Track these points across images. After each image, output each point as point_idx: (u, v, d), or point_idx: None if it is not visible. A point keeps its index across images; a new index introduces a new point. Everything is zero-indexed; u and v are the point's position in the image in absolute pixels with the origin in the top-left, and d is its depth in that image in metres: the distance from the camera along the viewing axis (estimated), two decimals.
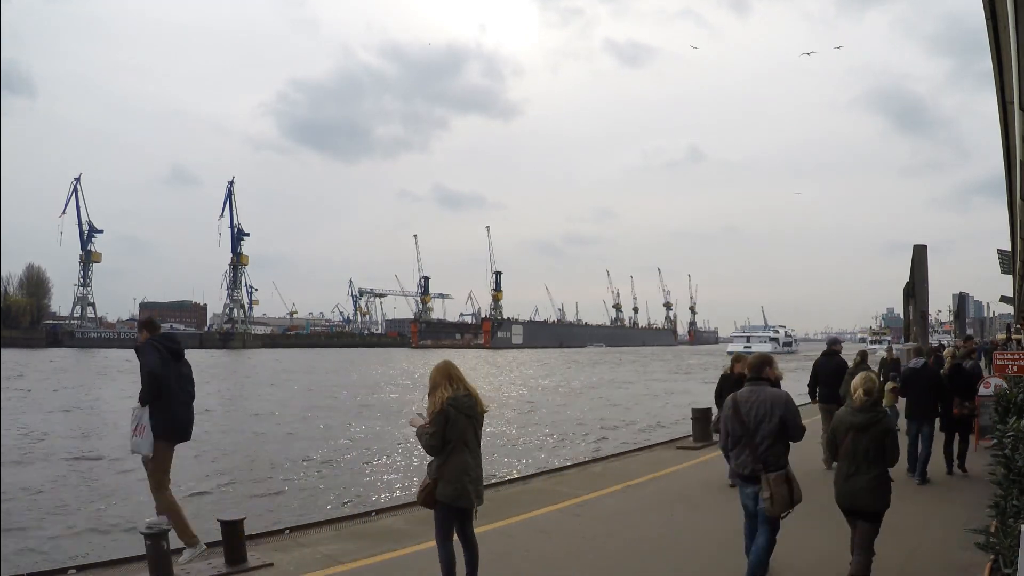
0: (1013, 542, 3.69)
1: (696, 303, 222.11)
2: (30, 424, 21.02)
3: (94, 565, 6.30)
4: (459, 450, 4.72)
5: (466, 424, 4.75)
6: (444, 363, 4.93)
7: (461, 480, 4.70)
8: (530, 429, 21.38)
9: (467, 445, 4.76)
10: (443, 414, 4.68)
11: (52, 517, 10.83)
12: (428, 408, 4.81)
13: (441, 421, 4.67)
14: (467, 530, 4.97)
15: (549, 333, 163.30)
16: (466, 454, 4.74)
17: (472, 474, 4.77)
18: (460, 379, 4.86)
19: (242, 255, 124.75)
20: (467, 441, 4.76)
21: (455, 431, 4.69)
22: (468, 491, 4.73)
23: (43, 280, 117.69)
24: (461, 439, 4.72)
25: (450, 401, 4.72)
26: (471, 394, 4.84)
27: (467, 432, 4.76)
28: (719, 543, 6.33)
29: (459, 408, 4.73)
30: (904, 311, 31.40)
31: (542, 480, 10.11)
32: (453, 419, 4.69)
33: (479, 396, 4.91)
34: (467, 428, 4.76)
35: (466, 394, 4.81)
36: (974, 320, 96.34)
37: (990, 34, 6.84)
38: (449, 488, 4.71)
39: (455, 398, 4.74)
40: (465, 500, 4.74)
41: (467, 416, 4.76)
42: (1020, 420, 5.13)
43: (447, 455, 4.71)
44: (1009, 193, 14.81)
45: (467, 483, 4.72)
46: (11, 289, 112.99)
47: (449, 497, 4.72)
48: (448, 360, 4.98)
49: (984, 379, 11.14)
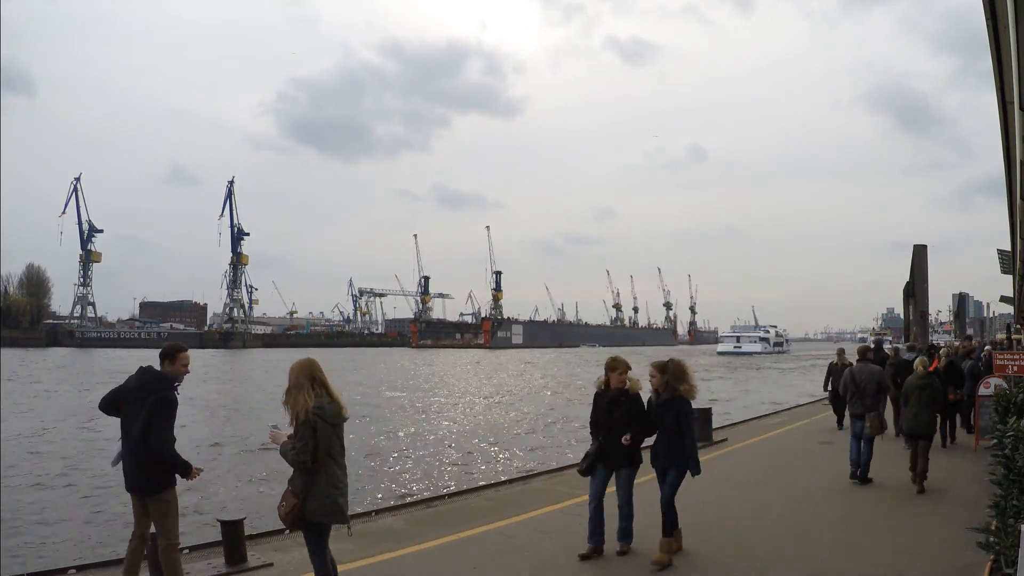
0: (1013, 542, 3.69)
1: (696, 303, 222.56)
2: (29, 425, 21.02)
3: (94, 565, 6.31)
4: (326, 463, 4.30)
5: (331, 433, 4.32)
6: (308, 361, 4.48)
7: (332, 495, 4.30)
8: (521, 429, 21.38)
9: (333, 457, 4.34)
10: (309, 425, 4.23)
11: (52, 517, 10.83)
12: (289, 413, 4.38)
13: (309, 434, 4.22)
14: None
15: (549, 333, 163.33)
16: (334, 466, 4.34)
17: (341, 487, 4.38)
18: (324, 382, 4.41)
19: (242, 255, 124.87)
20: (333, 452, 4.34)
21: (322, 442, 4.26)
22: (340, 506, 4.34)
23: (43, 280, 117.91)
24: (327, 451, 4.30)
25: (315, 410, 4.26)
26: (335, 400, 4.41)
27: (332, 442, 4.34)
28: (718, 541, 6.33)
29: (325, 417, 4.28)
30: (904, 311, 31.44)
31: (542, 480, 10.12)
32: (320, 429, 4.25)
33: (342, 401, 4.49)
34: (332, 438, 4.33)
35: (331, 401, 4.37)
36: (974, 320, 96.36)
37: (990, 34, 6.84)
38: (318, 504, 4.28)
39: (320, 406, 4.28)
40: (338, 516, 4.35)
41: (332, 425, 4.33)
42: (1020, 420, 5.12)
43: (315, 469, 4.28)
44: (1009, 193, 14.81)
45: (338, 497, 4.33)
46: (11, 289, 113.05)
47: (320, 515, 4.30)
48: (312, 358, 4.52)
49: (984, 379, 11.15)
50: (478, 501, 8.65)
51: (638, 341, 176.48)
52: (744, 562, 5.88)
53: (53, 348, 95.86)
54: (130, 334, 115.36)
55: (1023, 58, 6.12)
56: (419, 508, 8.38)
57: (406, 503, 8.98)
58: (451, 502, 8.68)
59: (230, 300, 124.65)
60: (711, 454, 11.01)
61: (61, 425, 21.22)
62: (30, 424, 21.09)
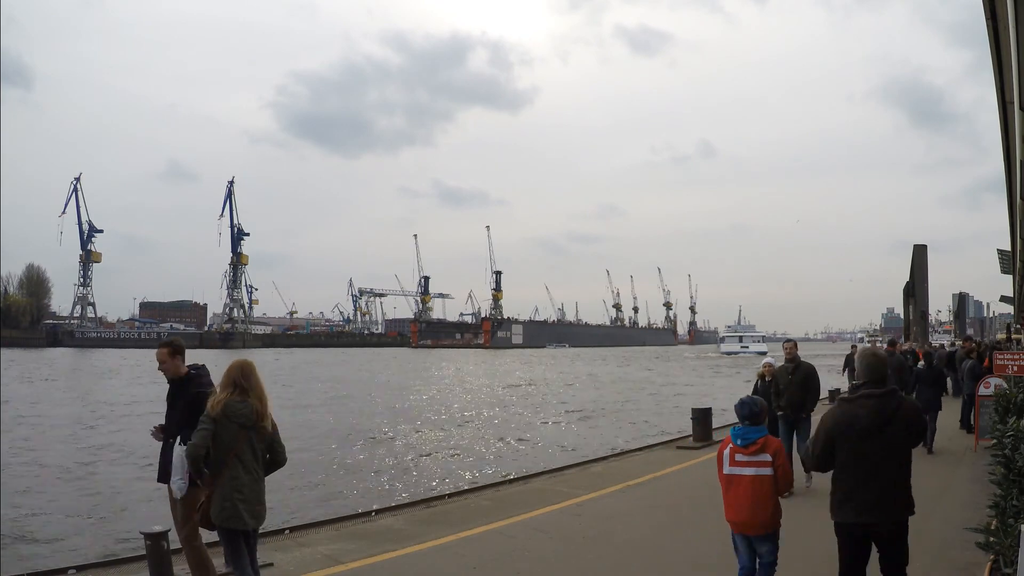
0: (1013, 542, 3.69)
1: (696, 303, 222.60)
2: (32, 425, 21.02)
3: (94, 565, 6.30)
4: (231, 465, 4.29)
5: (240, 435, 4.31)
6: (236, 364, 4.47)
7: (231, 499, 4.28)
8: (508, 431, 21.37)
9: (240, 460, 4.30)
10: (210, 418, 4.27)
11: (52, 517, 10.82)
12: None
13: (206, 426, 4.26)
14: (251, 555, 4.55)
15: (549, 333, 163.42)
16: (239, 469, 4.30)
17: (245, 492, 4.31)
18: (248, 387, 4.39)
19: (242, 255, 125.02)
20: (241, 455, 4.30)
21: (226, 442, 4.27)
22: (239, 511, 4.29)
23: (43, 280, 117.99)
24: (233, 452, 4.28)
25: (221, 408, 4.29)
26: (249, 403, 4.36)
27: (241, 445, 4.31)
28: (719, 542, 6.33)
29: (231, 416, 4.28)
30: (904, 311, 31.46)
31: (542, 480, 10.12)
32: (223, 426, 4.26)
33: (266, 409, 4.43)
34: (241, 440, 4.31)
35: (243, 401, 4.34)
36: (974, 320, 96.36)
37: (990, 34, 6.84)
38: (217, 507, 4.29)
39: (229, 403, 4.31)
40: (236, 521, 4.30)
41: (241, 427, 4.31)
42: (1020, 420, 5.13)
43: (218, 469, 4.30)
44: (1009, 193, 14.81)
45: (238, 502, 4.28)
46: (11, 289, 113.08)
47: (218, 517, 4.30)
48: (244, 361, 4.54)
49: (984, 379, 11.15)
50: (478, 501, 8.65)
51: (638, 341, 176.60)
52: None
53: (53, 348, 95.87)
54: (130, 334, 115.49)
55: (1023, 58, 6.12)
56: (419, 508, 8.38)
57: (406, 503, 8.97)
58: (451, 502, 8.68)
59: (230, 300, 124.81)
60: (711, 454, 10.99)
61: (62, 425, 21.22)
62: (32, 425, 21.08)
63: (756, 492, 4.12)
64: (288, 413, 23.03)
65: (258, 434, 4.40)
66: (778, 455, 4.18)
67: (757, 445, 4.15)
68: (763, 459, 4.13)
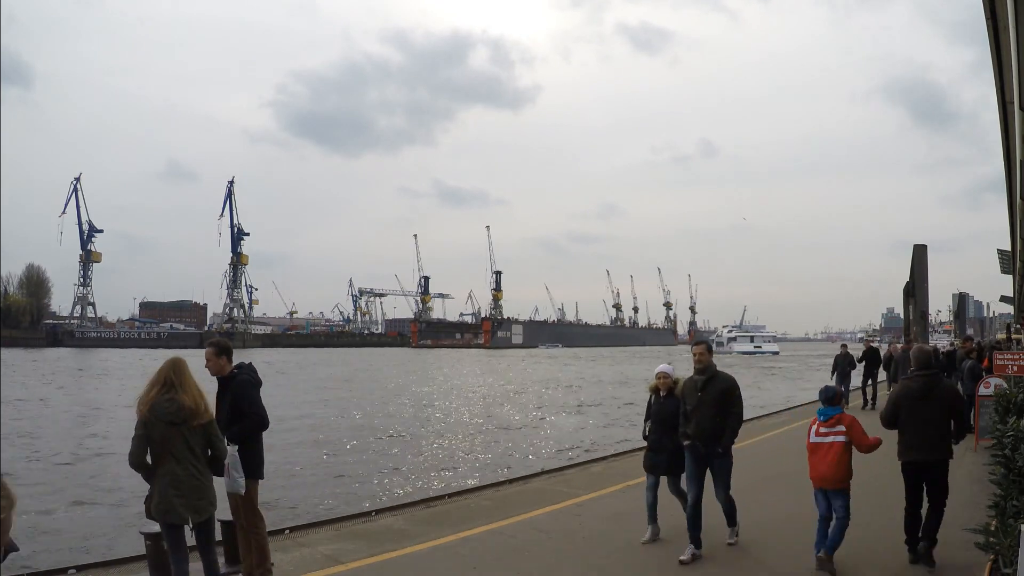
0: (1013, 542, 3.69)
1: (696, 302, 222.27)
2: (32, 424, 21.02)
3: (94, 565, 6.32)
4: (165, 461, 4.37)
5: (170, 432, 4.35)
6: (174, 361, 4.52)
7: (167, 494, 4.35)
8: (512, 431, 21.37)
9: (175, 456, 4.37)
10: (140, 422, 4.37)
11: (52, 517, 10.83)
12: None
13: (139, 430, 4.37)
14: (209, 546, 4.68)
15: (549, 333, 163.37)
16: (173, 464, 4.36)
17: (182, 488, 4.38)
18: (179, 385, 4.42)
19: (242, 255, 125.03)
20: (175, 451, 4.37)
21: (159, 442, 4.35)
22: (175, 506, 4.37)
23: (43, 280, 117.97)
24: (167, 449, 4.36)
25: (150, 407, 4.37)
26: (176, 399, 4.38)
27: (174, 441, 4.36)
28: (719, 542, 6.33)
29: (159, 415, 4.34)
30: (904, 311, 31.42)
31: (542, 480, 10.12)
32: (152, 426, 4.34)
33: (197, 405, 4.45)
34: (173, 437, 4.36)
35: (169, 398, 4.38)
36: (974, 320, 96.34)
37: (990, 34, 6.85)
38: (155, 503, 4.39)
39: (155, 403, 4.37)
40: (173, 516, 4.39)
41: (170, 424, 4.35)
42: (1020, 420, 5.13)
43: (155, 467, 4.40)
44: (1009, 193, 14.81)
45: (173, 497, 4.35)
46: (11, 289, 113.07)
47: (156, 512, 4.40)
48: (175, 359, 4.55)
49: (984, 379, 11.14)
50: (478, 501, 8.65)
51: (638, 341, 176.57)
52: (750, 561, 5.91)
53: (53, 348, 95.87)
54: (130, 334, 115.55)
55: (1023, 58, 6.12)
56: (419, 508, 8.38)
57: (406, 503, 8.96)
58: (451, 502, 8.68)
59: (230, 300, 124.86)
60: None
61: (62, 425, 21.22)
62: (33, 424, 21.08)
63: (831, 455, 5.44)
64: (288, 413, 23.05)
65: (191, 430, 4.43)
66: (852, 427, 5.45)
67: (833, 420, 5.51)
68: (838, 430, 5.46)
